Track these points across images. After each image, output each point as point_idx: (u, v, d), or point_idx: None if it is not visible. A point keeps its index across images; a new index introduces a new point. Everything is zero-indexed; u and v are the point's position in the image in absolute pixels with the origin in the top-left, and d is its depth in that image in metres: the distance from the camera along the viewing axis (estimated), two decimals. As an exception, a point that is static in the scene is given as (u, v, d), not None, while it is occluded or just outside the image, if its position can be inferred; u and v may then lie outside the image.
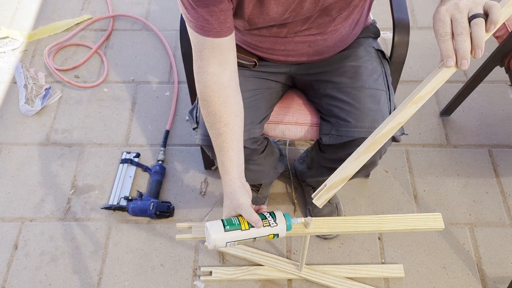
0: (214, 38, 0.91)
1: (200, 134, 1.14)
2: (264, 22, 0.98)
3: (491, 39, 1.97)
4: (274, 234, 0.87)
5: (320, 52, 1.13)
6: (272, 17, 0.96)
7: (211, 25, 0.89)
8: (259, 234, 0.86)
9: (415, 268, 1.45)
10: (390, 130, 0.80)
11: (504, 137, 1.73)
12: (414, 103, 0.78)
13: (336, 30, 1.08)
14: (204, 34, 0.91)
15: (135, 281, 1.44)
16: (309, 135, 1.23)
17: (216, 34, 0.90)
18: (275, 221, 0.87)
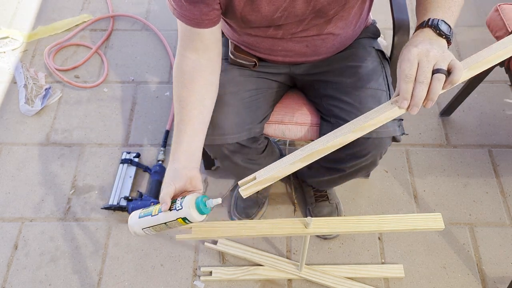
0: (194, 27, 0.93)
1: (200, 134, 1.14)
2: (256, 20, 0.98)
3: (491, 39, 1.98)
4: (182, 218, 0.83)
5: (318, 53, 1.13)
6: (264, 15, 0.96)
7: (193, 14, 0.91)
8: (166, 218, 0.84)
9: (415, 268, 1.45)
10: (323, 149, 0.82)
11: (504, 137, 1.73)
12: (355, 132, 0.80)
13: (333, 31, 1.08)
14: (186, 23, 0.93)
15: (135, 281, 1.45)
16: (309, 135, 1.23)
17: (196, 24, 0.93)
18: (181, 204, 0.83)
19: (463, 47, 2.00)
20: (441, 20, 0.81)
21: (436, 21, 0.80)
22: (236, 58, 1.16)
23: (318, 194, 1.53)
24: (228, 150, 1.16)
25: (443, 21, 0.81)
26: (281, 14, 0.97)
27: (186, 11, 0.92)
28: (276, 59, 1.16)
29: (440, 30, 0.80)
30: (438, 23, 0.80)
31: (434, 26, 0.80)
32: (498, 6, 1.47)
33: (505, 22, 1.42)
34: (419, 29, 0.82)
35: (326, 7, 0.97)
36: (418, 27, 0.83)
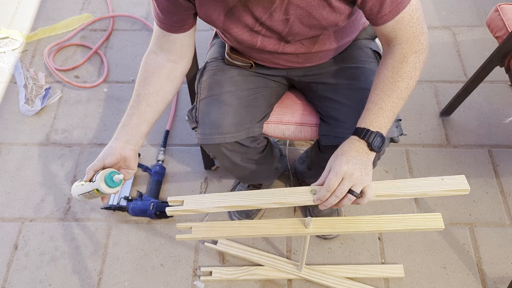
0: (163, 30, 1.00)
1: (199, 133, 1.14)
2: (238, 33, 1.00)
3: (491, 39, 1.98)
4: (97, 189, 0.94)
5: (311, 61, 1.14)
6: (244, 24, 0.97)
7: (162, 19, 0.97)
8: (87, 188, 0.96)
9: (415, 268, 1.45)
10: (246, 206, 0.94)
11: (504, 137, 1.73)
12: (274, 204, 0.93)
13: (323, 48, 1.09)
14: (157, 23, 1.00)
15: (135, 281, 1.45)
16: (308, 135, 1.23)
17: (165, 28, 0.99)
18: (95, 177, 0.95)
19: (463, 47, 2.00)
20: (378, 135, 0.92)
21: (373, 137, 0.92)
22: (232, 60, 1.16)
23: (318, 194, 1.53)
24: (227, 150, 1.16)
25: (379, 135, 0.92)
26: (261, 28, 0.98)
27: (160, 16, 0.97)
28: (269, 65, 1.17)
29: (373, 147, 0.92)
30: (373, 141, 0.92)
31: (369, 143, 0.92)
32: (498, 6, 1.47)
33: (505, 22, 1.42)
34: (355, 137, 0.93)
35: (303, 33, 0.98)
36: (356, 132, 0.93)
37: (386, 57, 0.96)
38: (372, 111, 0.93)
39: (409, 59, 0.93)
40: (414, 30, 0.92)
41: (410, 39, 0.93)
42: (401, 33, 0.93)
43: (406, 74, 0.93)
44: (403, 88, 0.93)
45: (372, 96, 0.95)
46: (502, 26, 1.43)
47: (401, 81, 0.93)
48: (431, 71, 1.93)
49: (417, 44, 0.94)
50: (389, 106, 0.93)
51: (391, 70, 0.93)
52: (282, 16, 0.93)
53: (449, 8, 2.16)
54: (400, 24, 0.91)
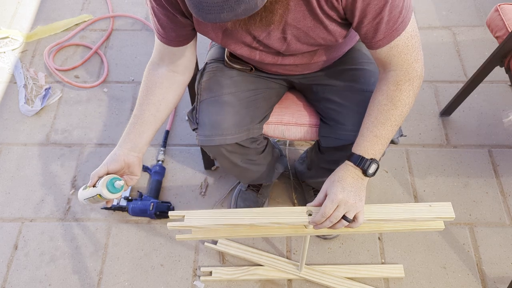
0: (161, 42, 1.02)
1: (200, 135, 1.14)
2: (237, 48, 1.02)
3: (491, 39, 1.98)
4: (99, 195, 0.98)
5: (310, 69, 1.15)
6: (242, 41, 1.00)
7: (162, 33, 0.99)
8: (91, 193, 1.00)
9: (415, 268, 1.45)
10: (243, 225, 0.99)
11: (504, 137, 1.73)
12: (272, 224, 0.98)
13: (321, 59, 1.09)
14: (157, 37, 1.02)
15: (135, 281, 1.45)
16: (308, 136, 1.23)
17: (165, 42, 1.01)
18: (98, 183, 0.98)
19: (463, 47, 2.00)
20: (373, 162, 0.96)
21: (368, 164, 0.95)
22: (231, 63, 1.16)
23: (318, 194, 1.53)
24: (227, 151, 1.16)
25: (374, 162, 0.96)
26: (258, 45, 1.00)
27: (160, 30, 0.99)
28: (269, 71, 1.17)
29: (367, 174, 0.96)
30: (368, 168, 0.96)
31: (364, 170, 0.96)
32: (498, 6, 1.47)
33: (505, 22, 1.42)
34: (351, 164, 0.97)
35: (301, 49, 1.00)
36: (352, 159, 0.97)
37: (381, 83, 0.97)
38: (367, 139, 0.96)
39: (403, 87, 0.94)
40: (409, 57, 0.93)
41: (405, 67, 0.93)
42: (395, 60, 0.93)
43: (400, 102, 0.94)
44: (397, 116, 0.95)
45: (367, 123, 0.97)
46: (502, 26, 1.43)
47: (395, 109, 0.94)
48: (431, 71, 1.93)
49: (411, 71, 0.94)
50: (384, 134, 0.96)
51: (386, 98, 0.95)
52: (279, 34, 0.95)
53: (449, 8, 2.16)
54: (394, 51, 0.91)
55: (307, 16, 0.89)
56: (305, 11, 0.88)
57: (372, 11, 0.85)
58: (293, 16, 0.90)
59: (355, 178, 0.96)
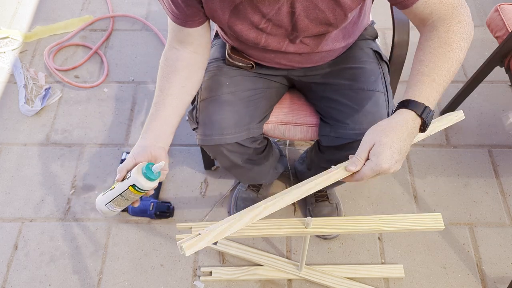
0: (178, 25, 0.98)
1: (200, 134, 1.14)
2: (243, 30, 0.99)
3: (491, 39, 1.97)
4: (132, 186, 0.85)
5: (312, 61, 1.14)
6: (250, 21, 0.96)
7: (177, 14, 0.95)
8: (120, 189, 0.87)
9: (415, 268, 1.45)
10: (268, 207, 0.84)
11: (504, 137, 1.73)
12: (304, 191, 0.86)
13: (326, 48, 1.08)
14: (172, 19, 0.98)
15: (135, 281, 1.44)
16: (308, 136, 1.23)
17: (180, 23, 0.97)
18: (130, 173, 0.86)
19: (463, 47, 2.00)
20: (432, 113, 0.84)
21: (430, 116, 0.84)
22: (232, 60, 1.16)
23: (318, 194, 1.53)
24: (227, 150, 1.16)
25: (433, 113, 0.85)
26: (266, 25, 0.97)
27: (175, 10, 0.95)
28: (270, 65, 1.16)
29: (426, 126, 0.84)
30: (428, 120, 0.84)
31: (424, 121, 0.84)
32: (498, 6, 1.47)
33: (505, 22, 1.42)
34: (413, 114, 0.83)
35: (308, 28, 0.97)
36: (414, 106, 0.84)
37: (427, 31, 0.89)
38: (426, 84, 0.84)
39: (454, 28, 0.85)
40: (452, 1, 0.86)
41: (450, 11, 0.86)
42: (437, 7, 0.86)
43: (455, 43, 0.85)
44: (454, 60, 0.85)
45: (421, 67, 0.86)
46: (502, 26, 1.43)
47: (451, 51, 0.85)
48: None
49: (458, 15, 0.86)
50: (442, 80, 0.85)
51: (437, 41, 0.86)
52: (288, 8, 0.92)
53: (449, 8, 2.16)
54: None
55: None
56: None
57: None
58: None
59: (409, 137, 0.83)
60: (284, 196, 0.85)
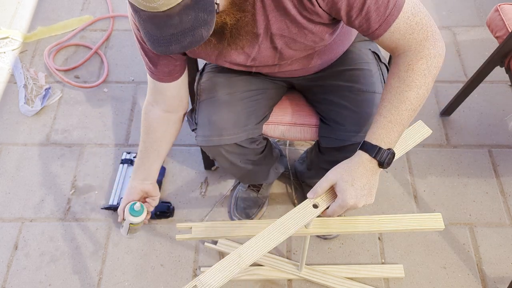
0: (155, 80, 1.06)
1: (199, 135, 1.14)
2: (232, 66, 1.04)
3: (491, 39, 1.97)
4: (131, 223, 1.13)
5: (310, 71, 1.15)
6: (237, 63, 1.01)
7: (153, 70, 1.03)
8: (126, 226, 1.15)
9: (415, 268, 1.45)
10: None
11: (504, 137, 1.73)
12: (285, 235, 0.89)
13: (319, 62, 1.09)
14: (149, 74, 1.06)
15: (135, 281, 1.44)
16: (308, 136, 1.23)
17: (155, 77, 1.05)
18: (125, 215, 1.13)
19: (463, 47, 2.00)
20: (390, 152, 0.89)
21: (386, 156, 0.88)
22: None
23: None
24: (226, 151, 1.16)
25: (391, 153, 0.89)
26: (253, 63, 1.01)
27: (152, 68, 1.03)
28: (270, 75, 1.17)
29: (383, 165, 0.89)
30: (385, 159, 0.88)
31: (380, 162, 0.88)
32: (498, 6, 1.47)
33: (505, 22, 1.42)
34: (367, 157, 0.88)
35: (294, 55, 1.00)
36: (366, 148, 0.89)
37: (392, 67, 0.92)
38: (381, 125, 0.89)
39: (415, 67, 0.87)
40: (416, 37, 0.87)
41: (413, 47, 0.87)
42: (401, 43, 0.88)
43: (413, 83, 0.87)
44: (412, 98, 0.87)
45: (380, 108, 0.90)
46: (502, 26, 1.43)
47: (409, 90, 0.87)
48: (431, 71, 1.93)
49: (422, 50, 0.87)
50: (398, 119, 0.88)
51: (397, 80, 0.88)
52: (269, 44, 0.95)
53: (449, 8, 2.16)
54: (397, 35, 0.86)
55: (290, 25, 0.89)
56: (286, 21, 0.88)
57: (355, 3, 0.82)
58: (276, 27, 0.90)
59: (369, 174, 0.89)
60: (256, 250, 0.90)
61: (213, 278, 0.85)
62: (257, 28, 0.89)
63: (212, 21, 0.73)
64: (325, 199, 0.92)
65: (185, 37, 0.73)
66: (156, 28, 0.72)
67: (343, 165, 0.91)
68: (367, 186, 0.90)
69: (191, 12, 0.70)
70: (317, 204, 0.91)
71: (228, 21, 0.82)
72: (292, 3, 0.84)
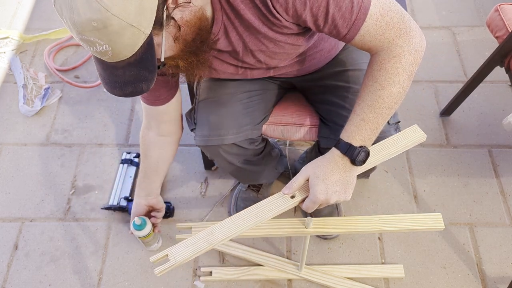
0: (147, 105, 1.11)
1: (198, 135, 1.14)
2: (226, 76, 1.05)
3: (491, 39, 1.97)
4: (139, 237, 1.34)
5: (307, 70, 1.15)
6: (227, 75, 1.03)
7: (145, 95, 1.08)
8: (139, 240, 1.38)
9: (415, 268, 1.45)
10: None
11: (504, 137, 1.73)
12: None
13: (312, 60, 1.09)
14: (141, 99, 1.11)
15: (135, 281, 1.44)
16: (308, 136, 1.23)
17: (148, 102, 1.10)
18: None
19: (463, 47, 2.00)
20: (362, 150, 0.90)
21: (357, 153, 0.89)
22: None
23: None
24: (224, 151, 1.16)
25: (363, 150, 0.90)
26: (242, 72, 1.02)
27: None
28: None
29: (356, 162, 0.90)
30: (357, 157, 0.89)
31: (352, 160, 0.90)
32: (498, 6, 1.47)
33: (505, 22, 1.42)
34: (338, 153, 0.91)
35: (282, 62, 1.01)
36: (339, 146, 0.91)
37: (367, 67, 0.92)
38: (353, 123, 0.90)
39: (387, 65, 0.87)
40: (387, 36, 0.86)
41: (385, 45, 0.87)
42: (373, 44, 0.87)
43: (386, 81, 0.87)
44: (386, 97, 0.88)
45: (355, 107, 0.92)
46: (502, 26, 1.43)
47: (382, 89, 0.87)
48: (431, 71, 1.93)
49: (394, 48, 0.87)
50: (371, 117, 0.89)
51: (371, 79, 0.89)
52: (253, 59, 0.97)
53: (449, 8, 2.16)
54: (367, 37, 0.86)
55: (264, 41, 0.90)
56: (259, 38, 0.89)
57: (319, 13, 0.81)
58: (253, 44, 0.91)
59: (342, 171, 0.91)
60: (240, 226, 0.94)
61: (183, 251, 0.99)
62: (234, 47, 0.91)
63: (152, 78, 0.78)
64: (303, 193, 0.95)
65: (127, 87, 0.78)
66: (104, 71, 0.77)
67: (317, 161, 0.93)
68: (339, 183, 0.91)
69: (133, 69, 0.75)
70: (294, 195, 0.95)
71: (180, 65, 0.87)
72: (260, 21, 0.85)
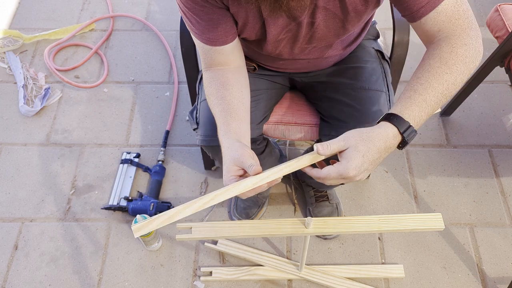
0: (220, 46, 0.95)
1: (200, 135, 1.14)
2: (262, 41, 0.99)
3: (491, 39, 1.98)
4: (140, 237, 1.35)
5: (319, 66, 1.15)
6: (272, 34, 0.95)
7: (216, 35, 0.93)
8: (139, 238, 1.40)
9: (415, 268, 1.45)
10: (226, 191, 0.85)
11: (504, 137, 1.73)
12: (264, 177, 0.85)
13: (335, 53, 1.09)
14: (211, 44, 0.95)
15: (135, 281, 1.44)
16: (309, 136, 1.23)
17: (222, 43, 0.94)
18: None
19: (463, 47, 2.00)
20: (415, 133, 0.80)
21: (412, 135, 0.80)
22: None
23: (318, 194, 1.53)
24: None
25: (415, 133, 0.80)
26: (285, 36, 0.97)
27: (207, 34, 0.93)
28: (275, 69, 1.17)
29: (405, 144, 0.81)
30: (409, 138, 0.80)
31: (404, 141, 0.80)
32: (498, 6, 1.47)
33: (505, 22, 1.42)
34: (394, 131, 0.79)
35: (325, 37, 0.98)
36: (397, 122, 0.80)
37: (432, 48, 0.85)
38: (416, 102, 0.81)
39: (459, 51, 0.81)
40: (461, 23, 0.82)
41: (458, 32, 0.82)
42: (445, 26, 0.82)
43: (455, 66, 0.81)
44: (450, 84, 0.81)
45: (415, 85, 0.82)
46: (502, 26, 1.43)
47: (450, 74, 0.81)
48: (431, 71, 1.93)
49: (466, 37, 0.82)
50: (434, 101, 0.81)
51: (438, 61, 0.82)
52: (309, 19, 0.91)
53: (449, 8, 2.16)
54: (443, 16, 0.81)
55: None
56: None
57: None
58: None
59: (384, 151, 0.80)
60: (235, 185, 0.84)
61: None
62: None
63: None
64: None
65: None
66: None
67: (363, 134, 0.79)
68: (375, 163, 0.80)
69: None
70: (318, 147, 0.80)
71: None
72: None
